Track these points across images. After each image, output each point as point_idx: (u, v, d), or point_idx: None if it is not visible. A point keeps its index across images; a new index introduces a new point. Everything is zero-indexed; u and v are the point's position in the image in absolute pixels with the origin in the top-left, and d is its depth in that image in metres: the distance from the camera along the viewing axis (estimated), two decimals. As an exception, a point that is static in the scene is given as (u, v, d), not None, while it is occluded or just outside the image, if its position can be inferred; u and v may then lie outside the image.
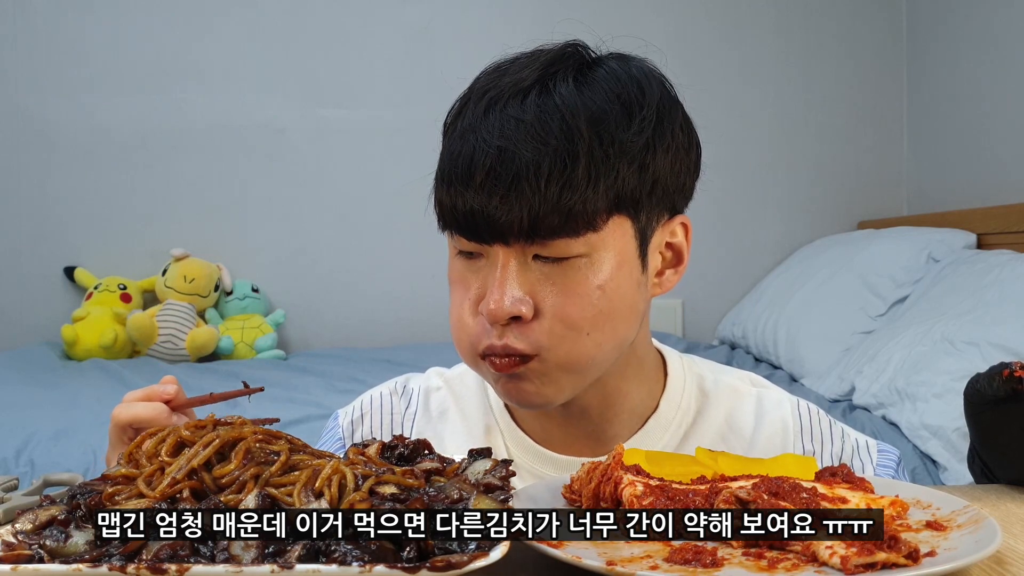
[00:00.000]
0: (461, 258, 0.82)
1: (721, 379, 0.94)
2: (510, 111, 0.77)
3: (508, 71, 0.81)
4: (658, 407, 0.91)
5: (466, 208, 0.77)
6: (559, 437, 0.90)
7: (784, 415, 0.92)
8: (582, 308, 0.78)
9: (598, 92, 0.79)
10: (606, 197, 0.77)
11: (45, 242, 3.04)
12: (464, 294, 0.81)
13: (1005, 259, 2.12)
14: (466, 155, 0.77)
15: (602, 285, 0.78)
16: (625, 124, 0.78)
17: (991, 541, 0.55)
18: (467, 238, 0.79)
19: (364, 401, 1.00)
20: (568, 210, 0.75)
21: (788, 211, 3.30)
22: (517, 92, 0.78)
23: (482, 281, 0.80)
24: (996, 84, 2.72)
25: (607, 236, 0.78)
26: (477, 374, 0.96)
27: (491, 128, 0.77)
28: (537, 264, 0.78)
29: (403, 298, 3.17)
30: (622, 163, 0.77)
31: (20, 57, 3.02)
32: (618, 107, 0.78)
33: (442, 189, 0.79)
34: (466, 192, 0.76)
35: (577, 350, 0.79)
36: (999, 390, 0.75)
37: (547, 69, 0.80)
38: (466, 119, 0.79)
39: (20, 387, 2.23)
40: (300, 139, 3.15)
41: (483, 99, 0.79)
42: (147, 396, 0.81)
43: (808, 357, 2.47)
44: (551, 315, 0.78)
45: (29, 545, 0.53)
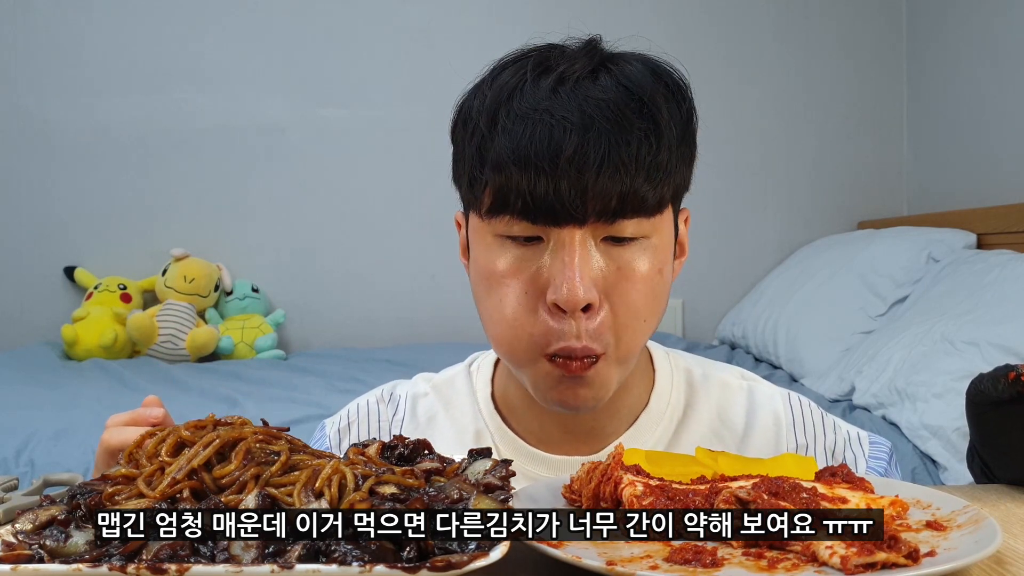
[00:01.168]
0: (510, 246, 0.78)
1: (710, 373, 0.95)
2: (584, 91, 0.75)
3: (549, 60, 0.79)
4: (648, 402, 0.91)
5: (548, 189, 0.73)
6: (556, 436, 0.90)
7: (776, 408, 0.93)
8: (645, 293, 0.78)
9: (652, 77, 0.79)
10: (673, 182, 0.78)
11: (45, 242, 3.04)
12: (516, 286, 0.78)
13: (1005, 259, 2.12)
14: (543, 134, 0.74)
15: (660, 268, 0.80)
16: (679, 113, 0.79)
17: (991, 541, 0.55)
18: (538, 222, 0.75)
19: (351, 410, 0.99)
20: (651, 191, 0.75)
21: (788, 211, 3.30)
22: (584, 74, 0.76)
23: (542, 269, 0.77)
24: (996, 84, 2.72)
25: (664, 220, 0.80)
26: (464, 380, 0.96)
27: (568, 107, 0.74)
28: (604, 246, 0.77)
29: (403, 298, 3.17)
30: (683, 149, 0.79)
31: (21, 57, 3.02)
32: (671, 96, 0.79)
33: (509, 172, 0.74)
34: (551, 171, 0.73)
35: (636, 339, 0.80)
36: (1004, 392, 0.75)
37: (593, 56, 0.79)
38: (526, 100, 0.76)
39: (20, 387, 2.23)
40: (300, 139, 3.15)
41: (543, 80, 0.76)
42: (133, 420, 0.77)
43: (808, 357, 2.47)
44: (618, 302, 0.77)
45: (29, 545, 0.53)
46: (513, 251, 0.78)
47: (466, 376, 0.97)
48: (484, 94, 0.79)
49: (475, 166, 0.79)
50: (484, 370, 0.96)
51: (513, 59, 0.81)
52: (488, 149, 0.77)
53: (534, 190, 0.74)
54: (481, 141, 0.78)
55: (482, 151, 0.78)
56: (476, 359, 0.99)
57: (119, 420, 0.77)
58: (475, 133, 0.79)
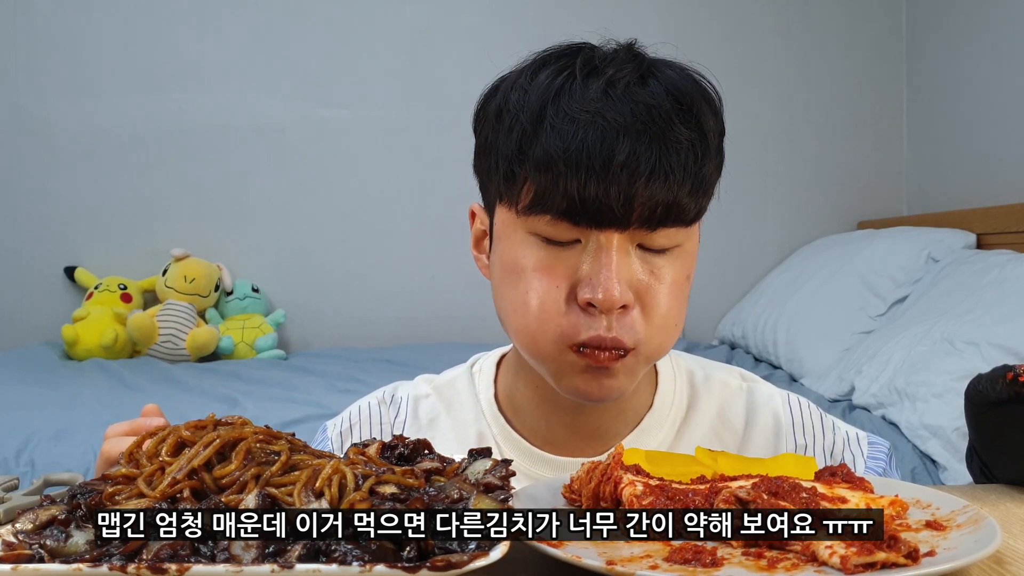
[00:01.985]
0: (544, 245, 0.78)
1: (711, 374, 0.95)
2: (636, 95, 0.75)
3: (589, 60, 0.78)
4: (652, 404, 0.92)
5: (598, 192, 0.73)
6: (562, 437, 0.90)
7: (776, 409, 0.93)
8: (678, 299, 0.79)
9: (695, 87, 0.80)
10: (710, 192, 0.79)
11: (45, 242, 3.04)
12: (547, 281, 0.78)
13: (1005, 259, 2.12)
14: (594, 137, 0.73)
15: (689, 275, 0.81)
16: (717, 126, 0.80)
17: (991, 541, 0.55)
18: (580, 223, 0.75)
19: (352, 412, 0.99)
20: (692, 202, 0.76)
21: (788, 211, 3.30)
22: (632, 80, 0.76)
23: (575, 268, 0.77)
24: (996, 84, 2.72)
25: (696, 229, 0.81)
26: (466, 381, 0.95)
27: (621, 111, 0.74)
28: (639, 252, 0.78)
29: (403, 298, 3.17)
30: (718, 159, 0.80)
31: (20, 57, 3.02)
32: (710, 108, 0.80)
33: (556, 172, 0.74)
34: (602, 176, 0.73)
35: (667, 342, 0.81)
36: (1002, 392, 0.75)
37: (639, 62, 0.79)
38: (576, 99, 0.75)
39: (20, 387, 2.23)
40: (300, 139, 3.15)
41: (591, 81, 0.76)
42: (133, 430, 0.75)
43: (808, 357, 2.47)
44: (650, 305, 0.78)
45: (29, 545, 0.53)
46: (547, 249, 0.78)
47: (468, 378, 0.97)
48: (524, 89, 0.78)
49: (515, 161, 0.77)
50: (487, 371, 0.96)
51: (553, 56, 0.81)
52: (532, 146, 0.76)
53: (584, 192, 0.74)
54: (522, 136, 0.77)
55: (523, 147, 0.77)
56: (478, 360, 0.99)
57: (119, 430, 0.76)
58: (514, 128, 0.78)
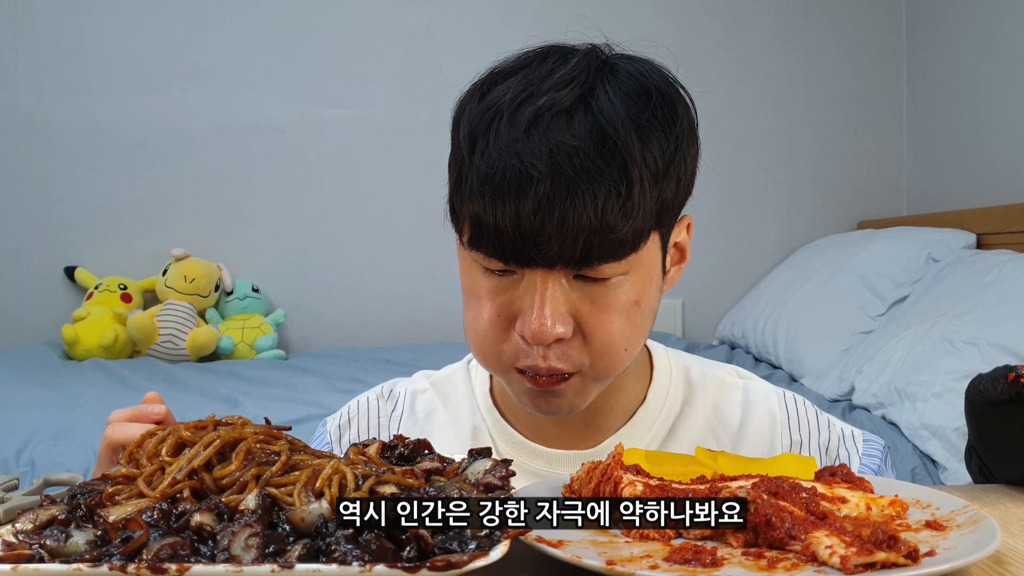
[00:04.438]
0: (487, 274, 0.79)
1: (708, 371, 0.96)
2: (557, 133, 0.73)
3: (535, 78, 0.77)
4: (646, 399, 0.92)
5: (513, 233, 0.73)
6: (553, 432, 0.91)
7: (771, 406, 0.93)
8: (622, 326, 0.78)
9: (637, 106, 0.76)
10: (649, 219, 0.76)
11: (45, 242, 3.04)
12: (491, 308, 0.79)
13: (1005, 259, 2.12)
14: (512, 178, 0.72)
15: (638, 301, 0.79)
16: (664, 139, 0.76)
17: (991, 541, 0.55)
18: (507, 263, 0.76)
19: (351, 407, 1.00)
20: (622, 237, 0.74)
21: (788, 211, 3.30)
22: (561, 110, 0.74)
23: (515, 299, 0.78)
24: (996, 84, 2.72)
25: (643, 254, 0.78)
26: (462, 376, 0.97)
27: (538, 151, 0.72)
28: (578, 283, 0.77)
29: (403, 298, 3.17)
30: (666, 181, 0.77)
31: (20, 57, 3.02)
32: (657, 122, 0.76)
33: (480, 204, 0.74)
34: (517, 217, 0.72)
35: (615, 365, 0.80)
36: (1003, 393, 0.75)
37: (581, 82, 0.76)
38: (501, 135, 0.74)
39: (20, 387, 2.23)
40: (300, 139, 3.15)
41: (520, 113, 0.75)
42: (135, 416, 0.77)
43: (808, 357, 2.47)
44: (592, 334, 0.78)
45: (29, 545, 0.53)
46: (491, 279, 0.79)
47: (465, 373, 0.98)
48: (472, 110, 0.78)
49: (455, 196, 0.79)
50: (482, 367, 0.97)
51: (510, 68, 0.80)
52: (464, 183, 0.77)
53: (502, 234, 0.74)
54: (461, 168, 0.78)
55: (460, 182, 0.78)
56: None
57: (121, 416, 0.77)
58: (457, 156, 0.79)
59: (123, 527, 0.54)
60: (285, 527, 0.55)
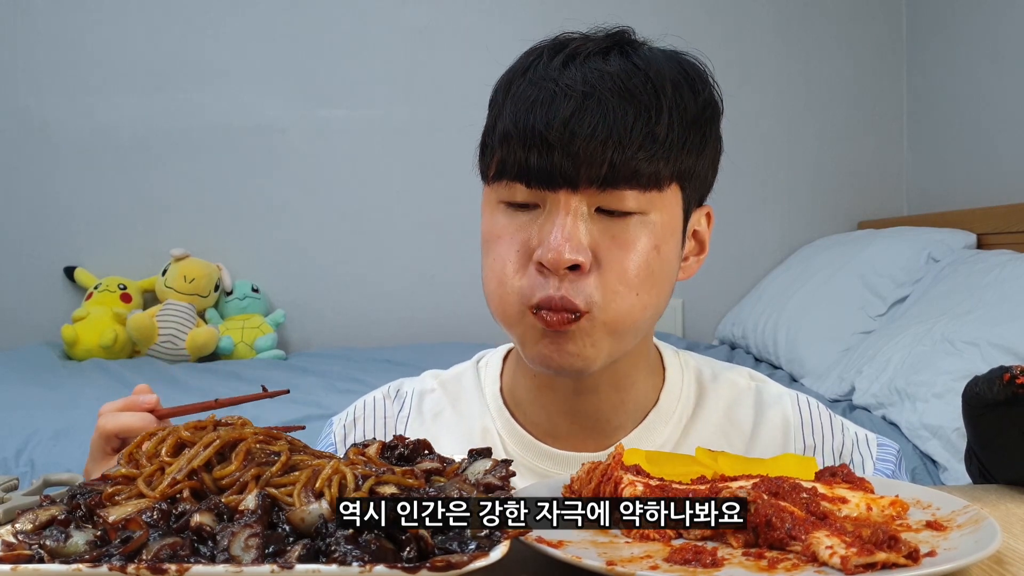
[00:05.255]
0: (510, 211, 0.80)
1: (720, 373, 0.95)
2: (592, 64, 0.78)
3: (570, 42, 0.82)
4: (658, 400, 0.91)
5: (542, 152, 0.75)
6: (564, 429, 0.90)
7: (785, 409, 0.93)
8: (638, 264, 0.79)
9: (671, 63, 0.81)
10: (675, 161, 0.78)
11: (45, 242, 3.04)
12: (509, 247, 0.80)
13: (1005, 259, 2.12)
14: (545, 100, 0.76)
15: (657, 246, 0.80)
16: (693, 99, 0.80)
17: (991, 541, 0.55)
18: (533, 185, 0.77)
19: (358, 406, 0.99)
20: (645, 163, 0.76)
21: (788, 211, 3.30)
22: (595, 51, 0.79)
23: (535, 232, 0.79)
24: (996, 84, 2.72)
25: (666, 200, 0.80)
26: (472, 376, 0.96)
27: (573, 77, 0.77)
28: (599, 217, 0.78)
29: (403, 298, 3.17)
30: (691, 132, 0.80)
31: (20, 57, 3.02)
32: (687, 82, 0.81)
33: (511, 138, 0.77)
34: (546, 135, 0.75)
35: (626, 308, 0.79)
36: (999, 394, 0.75)
37: (616, 39, 0.82)
38: (537, 72, 0.79)
39: (20, 387, 2.23)
40: (300, 139, 3.15)
41: (557, 56, 0.79)
42: (127, 406, 0.79)
43: (808, 357, 2.47)
44: (608, 268, 0.78)
45: (29, 545, 0.53)
46: (512, 216, 0.80)
47: (474, 373, 0.97)
48: (507, 72, 0.83)
49: (488, 135, 0.82)
50: (493, 366, 0.96)
51: (541, 44, 0.84)
52: (498, 119, 0.80)
53: (531, 154, 0.76)
54: (496, 110, 0.82)
55: (494, 121, 0.81)
56: (484, 356, 0.99)
57: (112, 407, 0.80)
58: (493, 106, 0.83)
59: (123, 527, 0.54)
60: (285, 527, 0.55)
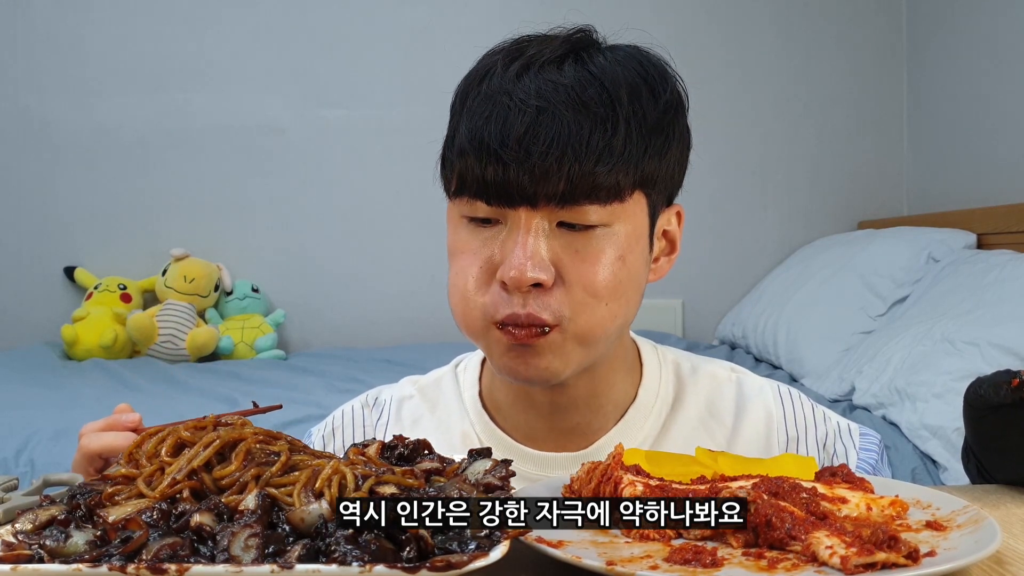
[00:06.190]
0: (472, 226, 0.80)
1: (699, 366, 0.94)
2: (547, 75, 0.76)
3: (527, 47, 0.80)
4: (636, 396, 0.91)
5: (498, 171, 0.74)
6: (542, 432, 0.89)
7: (767, 401, 0.92)
8: (604, 276, 0.78)
9: (629, 67, 0.79)
10: (635, 170, 0.77)
11: (45, 242, 3.04)
12: (472, 262, 0.79)
13: (1005, 259, 2.12)
14: (499, 116, 0.75)
15: (622, 256, 0.79)
16: (653, 103, 0.79)
17: (991, 541, 0.55)
18: (492, 203, 0.76)
19: (335, 416, 0.99)
20: (604, 176, 0.75)
21: (788, 211, 3.30)
22: (551, 59, 0.78)
23: (498, 248, 0.78)
24: (996, 84, 2.72)
25: (629, 210, 0.79)
26: (450, 381, 0.96)
27: (527, 90, 0.75)
28: (560, 231, 0.77)
29: (403, 298, 3.17)
30: (652, 138, 0.78)
31: (21, 57, 3.02)
32: (646, 86, 0.79)
33: (467, 154, 0.76)
34: (501, 153, 0.74)
35: (595, 319, 0.79)
36: (1005, 397, 0.74)
37: (574, 44, 0.80)
38: (492, 83, 0.77)
39: (20, 387, 2.23)
40: (300, 139, 3.15)
41: (512, 65, 0.78)
42: (108, 426, 0.78)
43: (808, 357, 2.47)
44: (574, 282, 0.77)
45: (29, 545, 0.53)
46: (475, 231, 0.80)
47: (452, 377, 0.96)
48: (461, 85, 0.82)
49: (446, 148, 0.81)
50: (471, 370, 0.96)
51: (499, 48, 0.83)
52: (457, 127, 0.79)
53: (488, 171, 0.75)
54: (453, 121, 0.80)
55: (452, 131, 0.80)
56: (463, 360, 0.98)
57: (94, 427, 0.79)
58: (452, 116, 0.81)
59: (123, 527, 0.54)
60: (285, 527, 0.55)
